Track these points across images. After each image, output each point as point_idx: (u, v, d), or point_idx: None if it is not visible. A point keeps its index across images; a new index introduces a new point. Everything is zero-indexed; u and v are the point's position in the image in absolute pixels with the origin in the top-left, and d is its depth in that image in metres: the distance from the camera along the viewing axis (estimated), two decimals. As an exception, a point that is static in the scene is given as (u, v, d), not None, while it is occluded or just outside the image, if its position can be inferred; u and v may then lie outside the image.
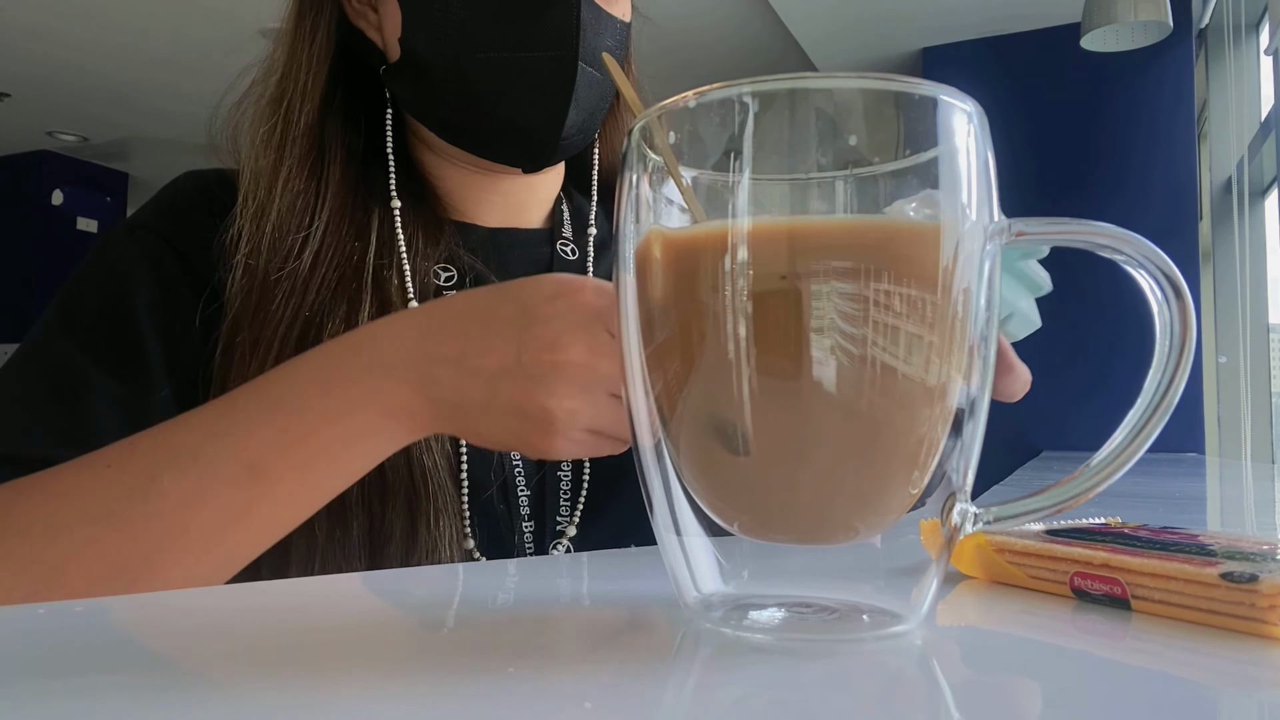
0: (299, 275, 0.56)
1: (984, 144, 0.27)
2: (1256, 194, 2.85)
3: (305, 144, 0.60)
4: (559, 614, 0.31)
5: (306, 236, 0.57)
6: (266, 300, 0.56)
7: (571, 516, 0.60)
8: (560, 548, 0.59)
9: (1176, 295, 0.27)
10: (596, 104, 0.62)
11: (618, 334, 0.30)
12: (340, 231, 0.59)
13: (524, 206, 0.69)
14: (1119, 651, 0.27)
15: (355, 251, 0.59)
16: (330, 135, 0.61)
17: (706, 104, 0.27)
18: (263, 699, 0.22)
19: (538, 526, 0.59)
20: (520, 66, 0.58)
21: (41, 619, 0.30)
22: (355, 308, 0.56)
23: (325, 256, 0.58)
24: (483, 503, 0.57)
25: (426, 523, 0.53)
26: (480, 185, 0.66)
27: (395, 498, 0.53)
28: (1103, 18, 2.31)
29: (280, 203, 0.58)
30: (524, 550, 0.58)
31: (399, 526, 0.53)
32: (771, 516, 0.28)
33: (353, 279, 0.58)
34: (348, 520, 0.52)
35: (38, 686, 0.23)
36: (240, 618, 0.30)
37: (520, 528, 0.58)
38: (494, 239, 0.66)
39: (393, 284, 0.58)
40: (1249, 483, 1.21)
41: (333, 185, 0.60)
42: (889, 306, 0.25)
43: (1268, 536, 0.34)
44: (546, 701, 0.21)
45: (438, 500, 0.53)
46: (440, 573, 0.39)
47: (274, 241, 0.57)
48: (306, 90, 0.61)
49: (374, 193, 0.62)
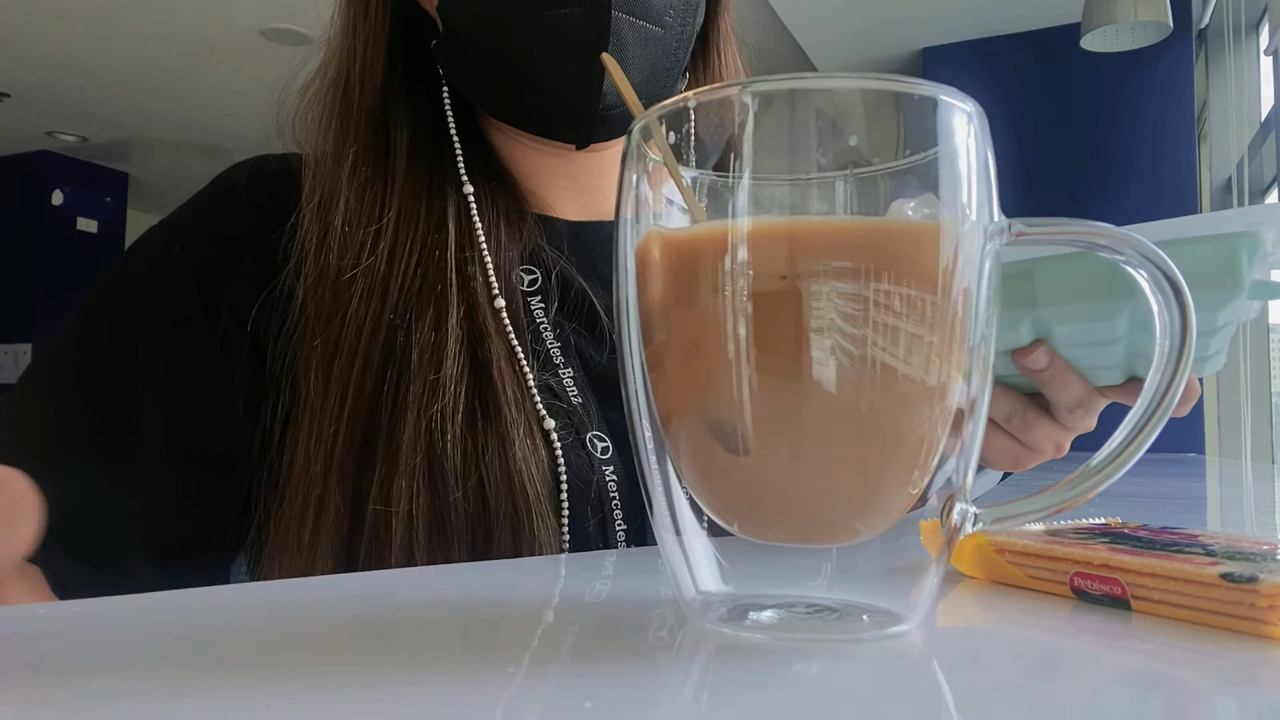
0: (376, 273, 0.52)
1: (984, 144, 0.27)
2: (1256, 194, 2.85)
3: (368, 126, 0.56)
4: (559, 614, 0.31)
5: (379, 230, 0.53)
6: (341, 302, 0.52)
7: None
8: None
9: (1176, 295, 0.27)
10: (656, 62, 0.55)
11: (619, 334, 0.30)
12: (415, 222, 0.54)
13: (601, 193, 0.63)
14: (1119, 651, 0.27)
15: (434, 244, 0.54)
16: (395, 116, 0.57)
17: (706, 104, 0.27)
18: (262, 699, 0.22)
19: None
20: (551, 25, 0.52)
21: (41, 619, 0.30)
22: (442, 312, 0.52)
23: (402, 251, 0.53)
24: (585, 536, 0.53)
25: (530, 551, 0.49)
26: (550, 168, 0.62)
27: (500, 525, 0.49)
28: (1103, 18, 2.31)
29: (348, 192, 0.54)
30: None
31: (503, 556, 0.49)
32: (771, 516, 0.28)
33: (436, 278, 0.53)
34: (449, 548, 0.49)
35: (38, 686, 0.23)
36: (240, 618, 0.30)
37: None
38: (577, 234, 0.61)
39: (477, 281, 0.54)
40: (1249, 483, 1.21)
41: (401, 170, 0.55)
42: (889, 307, 0.25)
43: (1268, 536, 0.34)
44: (546, 701, 0.21)
45: (540, 533, 0.50)
46: (439, 574, 0.39)
47: (344, 237, 0.53)
48: (366, 69, 0.57)
49: (446, 177, 0.57)
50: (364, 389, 0.50)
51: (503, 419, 0.50)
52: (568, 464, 0.52)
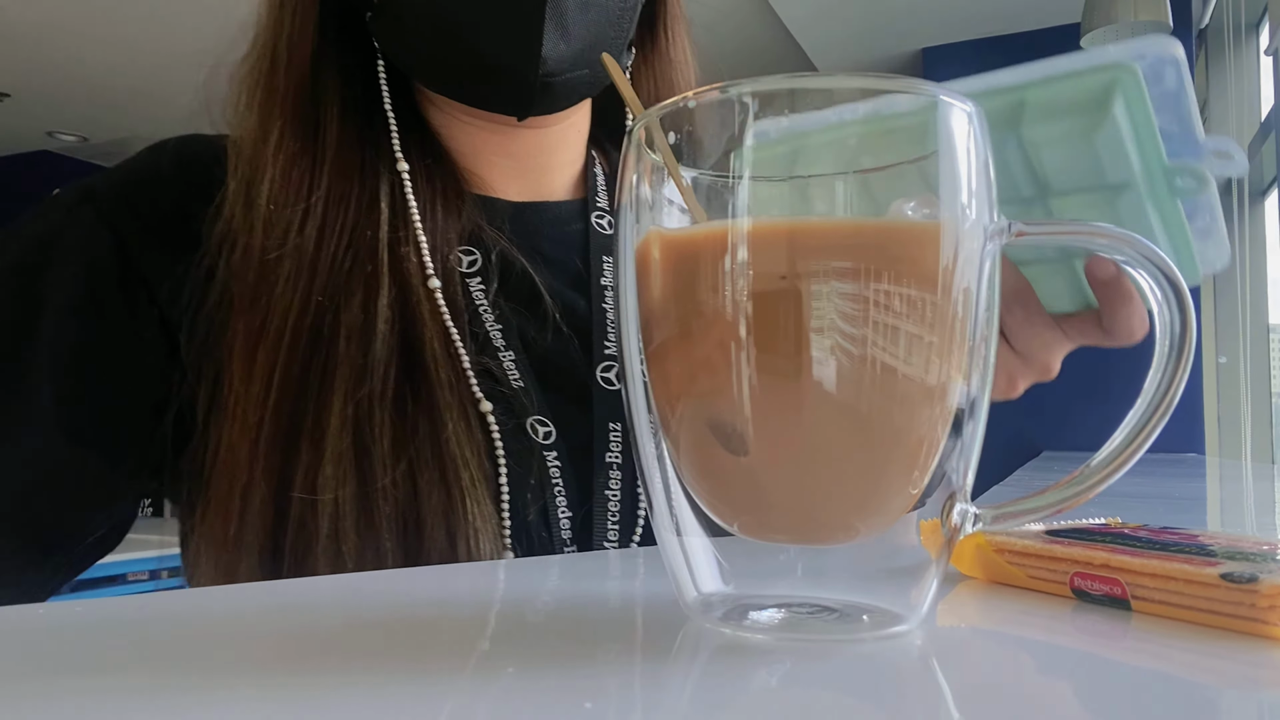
0: (303, 254, 0.50)
1: (984, 144, 0.27)
2: (1256, 194, 2.85)
3: (297, 100, 0.53)
4: (559, 614, 0.31)
5: (307, 209, 0.51)
6: (267, 284, 0.49)
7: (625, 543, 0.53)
8: None
9: (1176, 295, 0.27)
10: (599, 30, 0.53)
11: (620, 334, 0.30)
12: (346, 201, 0.52)
13: (546, 171, 0.61)
14: (1119, 651, 0.27)
15: (366, 224, 0.52)
16: (325, 91, 0.54)
17: (706, 104, 0.27)
18: (262, 699, 0.22)
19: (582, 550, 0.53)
20: None
21: (41, 619, 0.30)
22: (372, 293, 0.50)
23: (332, 230, 0.51)
24: (526, 523, 0.50)
25: (467, 547, 0.47)
26: (491, 146, 0.59)
27: (432, 513, 0.47)
28: (1103, 18, 2.31)
29: (274, 170, 0.51)
30: None
31: (436, 551, 0.47)
32: (771, 516, 0.28)
33: (367, 259, 0.51)
34: (378, 538, 0.47)
35: (38, 686, 0.23)
36: (240, 618, 0.30)
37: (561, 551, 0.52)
38: (519, 215, 0.58)
39: (411, 262, 0.52)
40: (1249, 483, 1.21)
41: (331, 147, 0.53)
42: (889, 307, 0.25)
43: (1268, 536, 0.34)
44: (546, 701, 0.21)
45: (476, 520, 0.47)
46: (438, 574, 0.39)
47: (269, 215, 0.50)
48: (294, 41, 0.54)
49: (380, 155, 0.55)
50: (289, 374, 0.48)
51: (435, 402, 0.49)
52: (506, 450, 0.50)
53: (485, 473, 0.49)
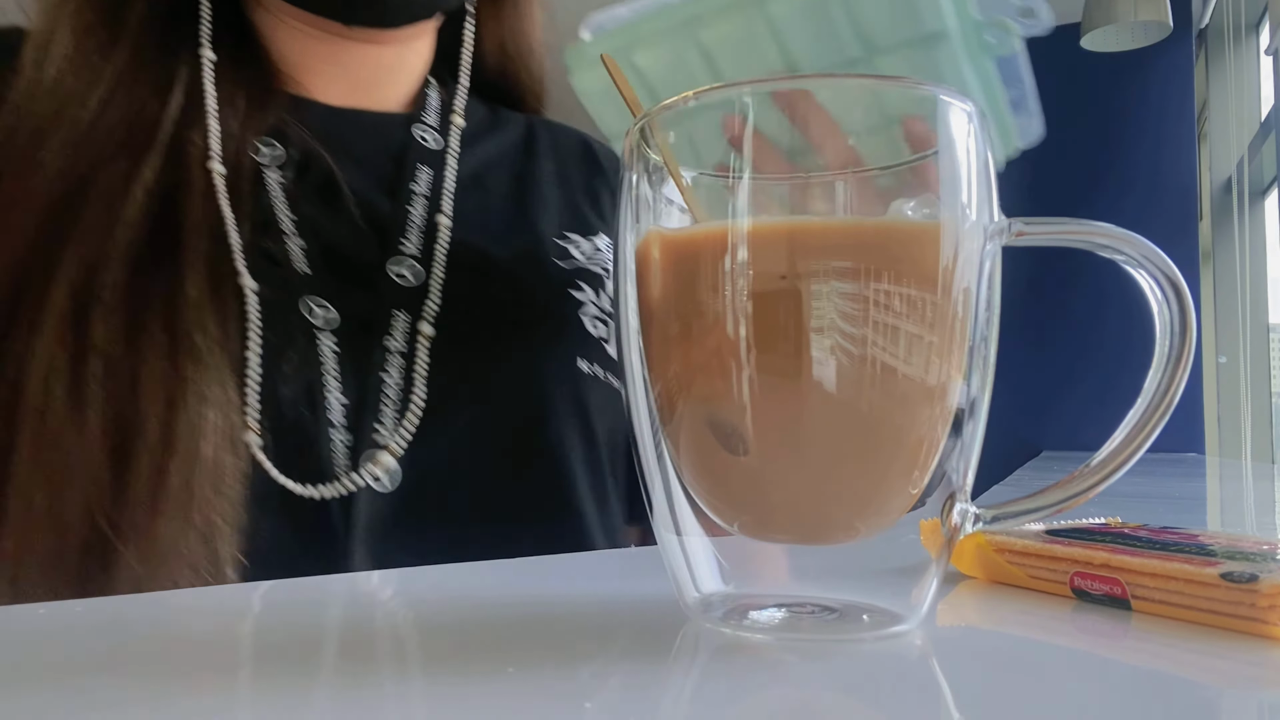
0: (79, 125, 0.48)
1: (984, 144, 0.27)
2: (1256, 194, 2.85)
3: None
4: (559, 614, 0.31)
5: (95, 81, 0.50)
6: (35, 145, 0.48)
7: (396, 431, 0.50)
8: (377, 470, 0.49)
9: (1176, 295, 0.27)
10: None
11: (620, 334, 0.30)
12: (138, 79, 0.51)
13: (375, 85, 0.61)
14: (1119, 651, 0.27)
15: (155, 105, 0.51)
16: None
17: (706, 104, 0.27)
18: (262, 698, 0.22)
19: (355, 440, 0.50)
20: None
21: (41, 619, 0.30)
22: (137, 165, 0.48)
23: (116, 106, 0.49)
24: (280, 401, 0.48)
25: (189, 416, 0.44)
26: (318, 54, 0.58)
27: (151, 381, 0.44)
28: (1103, 18, 2.31)
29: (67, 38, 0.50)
30: (334, 467, 0.49)
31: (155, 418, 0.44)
32: (771, 516, 0.28)
33: (143, 135, 0.49)
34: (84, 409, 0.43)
35: (38, 686, 0.23)
36: (239, 618, 0.30)
37: (328, 436, 0.49)
38: (336, 117, 0.58)
39: (195, 145, 0.51)
40: (1249, 483, 1.21)
41: (134, 25, 0.52)
42: (889, 306, 0.25)
43: (1268, 536, 0.34)
44: (546, 701, 0.21)
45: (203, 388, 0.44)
46: (439, 573, 0.39)
47: (55, 82, 0.49)
48: None
49: (186, 41, 0.54)
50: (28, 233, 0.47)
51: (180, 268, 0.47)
52: (270, 326, 0.49)
53: (227, 345, 0.47)
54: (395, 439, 0.50)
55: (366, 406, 0.50)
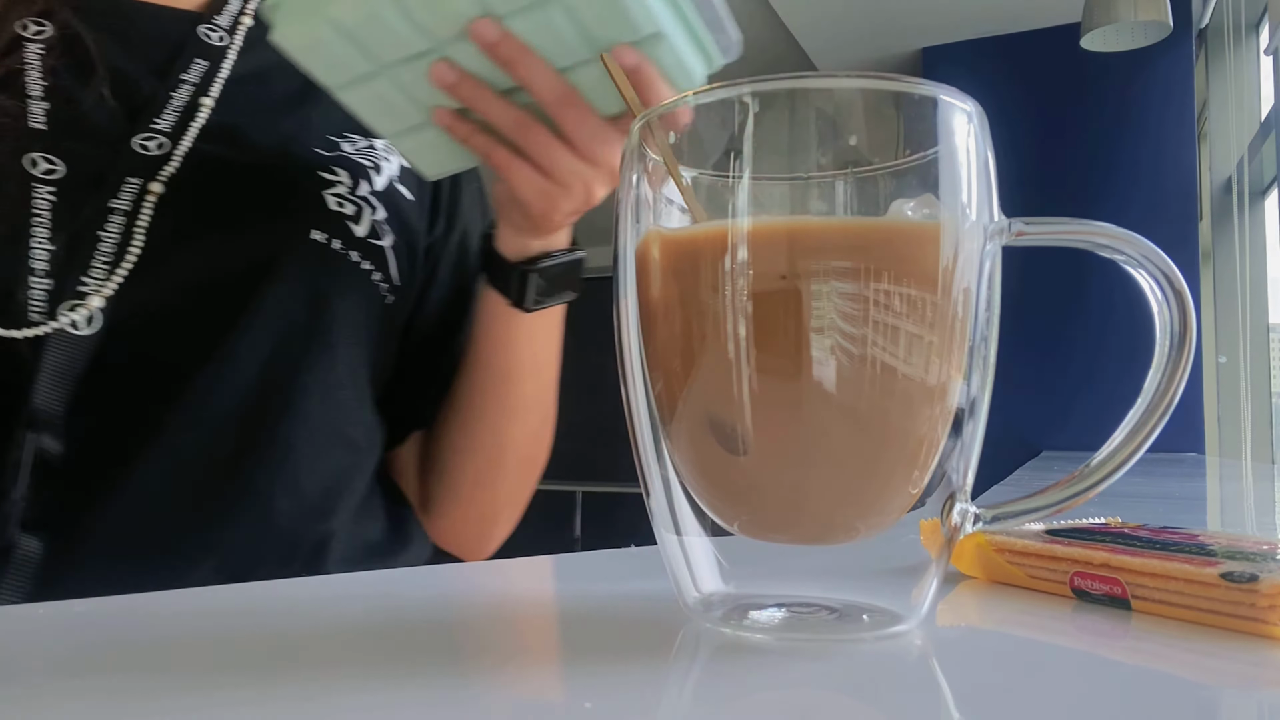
0: None
1: (984, 144, 0.27)
2: (1256, 194, 2.85)
3: None
4: (559, 614, 0.31)
5: None
6: None
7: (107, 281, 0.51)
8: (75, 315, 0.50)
9: (1176, 295, 0.27)
10: None
11: (620, 334, 0.30)
12: None
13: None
14: (1119, 651, 0.27)
15: None
16: None
17: (706, 104, 0.27)
18: (262, 698, 0.22)
19: (58, 287, 0.50)
20: None
21: (41, 619, 0.30)
22: None
23: None
24: None
25: None
26: None
27: None
28: (1103, 18, 2.31)
29: None
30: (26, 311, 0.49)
31: None
32: (771, 516, 0.28)
33: None
34: None
35: (38, 686, 0.23)
36: (238, 618, 0.30)
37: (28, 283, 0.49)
38: (116, 7, 0.59)
39: None
40: (1249, 483, 1.21)
41: None
42: (889, 306, 0.25)
43: (1268, 536, 0.34)
44: (547, 701, 0.21)
45: None
46: (440, 573, 0.39)
47: None
48: None
49: None
50: None
51: None
52: None
53: None
54: (105, 289, 0.51)
55: (77, 257, 0.51)
